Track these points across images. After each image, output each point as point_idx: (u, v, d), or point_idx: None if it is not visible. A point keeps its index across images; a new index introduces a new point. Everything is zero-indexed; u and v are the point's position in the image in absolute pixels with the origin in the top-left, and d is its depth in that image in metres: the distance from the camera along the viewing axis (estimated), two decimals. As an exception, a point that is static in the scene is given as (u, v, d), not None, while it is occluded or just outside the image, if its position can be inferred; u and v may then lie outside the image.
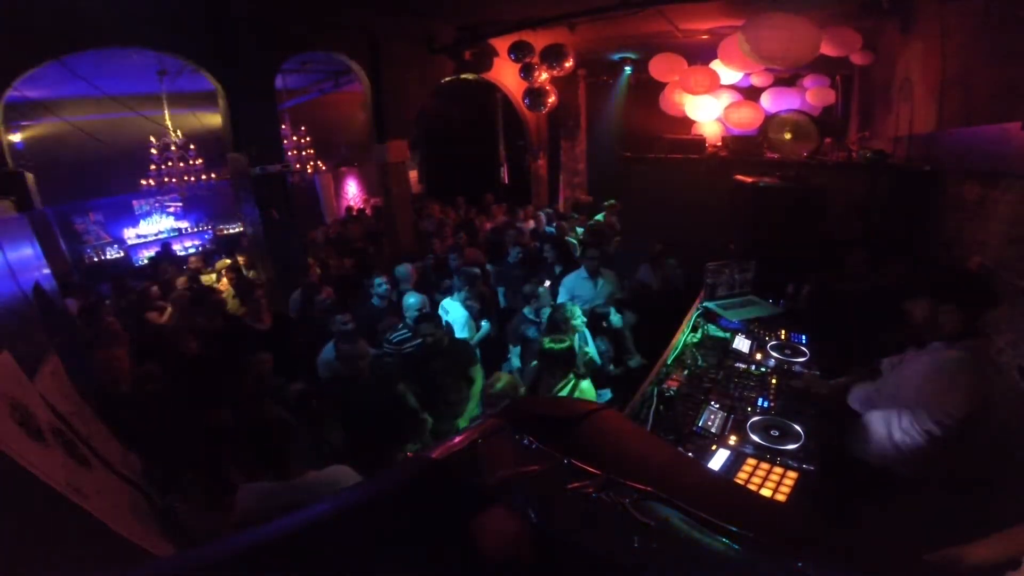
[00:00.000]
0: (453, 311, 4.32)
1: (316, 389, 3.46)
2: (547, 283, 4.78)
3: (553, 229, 6.64)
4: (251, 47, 5.63)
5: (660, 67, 6.74)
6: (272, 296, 4.90)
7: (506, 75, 8.46)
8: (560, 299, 4.45)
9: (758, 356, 2.96)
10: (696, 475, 1.17)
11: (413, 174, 11.33)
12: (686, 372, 2.74)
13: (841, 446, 2.46)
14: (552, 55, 6.82)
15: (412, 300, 3.92)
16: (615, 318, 4.13)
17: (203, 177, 9.53)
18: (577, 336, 3.52)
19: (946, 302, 1.93)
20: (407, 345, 3.75)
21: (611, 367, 4.04)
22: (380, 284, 4.37)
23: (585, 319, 3.71)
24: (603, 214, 6.91)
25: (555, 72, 7.04)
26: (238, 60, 5.56)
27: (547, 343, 2.93)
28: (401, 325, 3.83)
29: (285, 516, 0.81)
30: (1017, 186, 2.82)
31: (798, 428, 2.23)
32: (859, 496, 2.26)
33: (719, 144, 6.11)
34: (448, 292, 4.62)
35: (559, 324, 3.46)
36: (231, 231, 11.39)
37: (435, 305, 4.47)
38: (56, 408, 2.33)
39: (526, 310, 4.00)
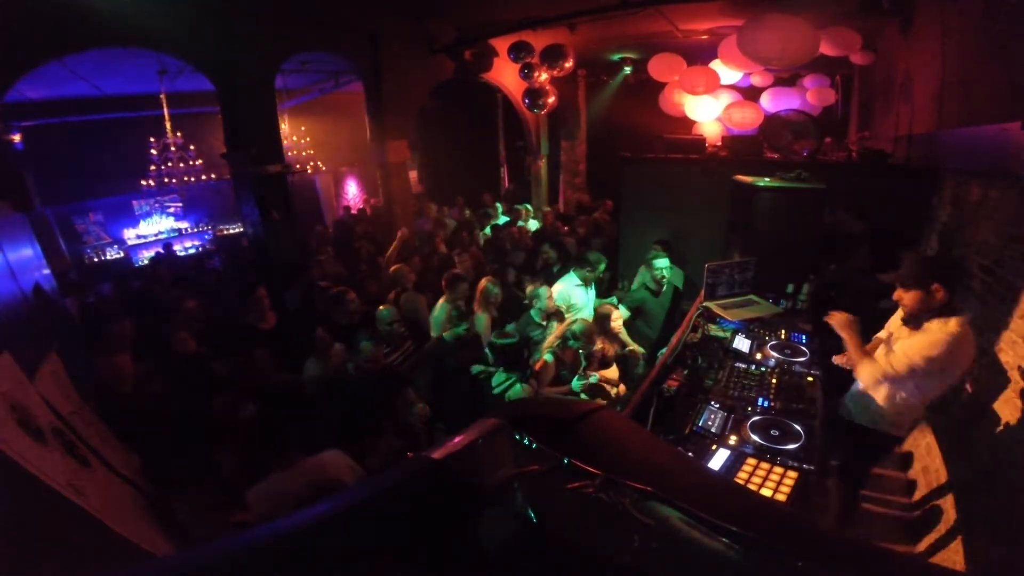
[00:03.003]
0: (436, 312, 4.35)
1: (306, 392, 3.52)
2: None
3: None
4: (251, 47, 5.63)
5: (660, 67, 6.75)
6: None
7: (506, 75, 8.46)
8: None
9: (758, 356, 2.96)
10: (696, 475, 1.17)
11: (413, 174, 11.33)
12: (686, 372, 2.74)
13: (841, 419, 2.60)
14: (552, 55, 6.82)
15: (385, 314, 3.92)
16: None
17: (203, 177, 9.53)
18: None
19: (932, 282, 2.22)
20: (389, 358, 3.79)
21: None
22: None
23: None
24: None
25: (555, 72, 7.04)
26: (238, 60, 5.56)
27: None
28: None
29: (294, 509, 0.81)
30: (1017, 186, 2.82)
31: (798, 428, 2.23)
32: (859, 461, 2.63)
33: (719, 144, 6.11)
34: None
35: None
36: (231, 231, 11.39)
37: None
38: (56, 408, 2.34)
39: (532, 311, 3.99)
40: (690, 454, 2.10)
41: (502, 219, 8.11)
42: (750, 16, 4.70)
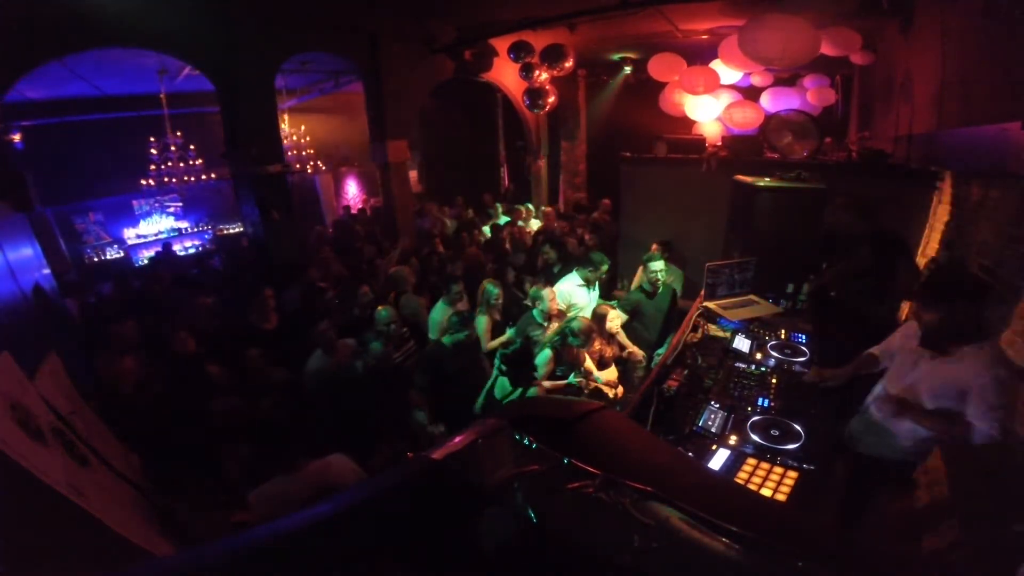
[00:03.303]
0: (433, 313, 4.36)
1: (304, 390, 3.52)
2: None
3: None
4: (251, 47, 5.63)
5: (660, 67, 6.74)
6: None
7: (506, 75, 8.46)
8: None
9: (758, 356, 2.96)
10: (696, 475, 1.17)
11: (413, 174, 11.33)
12: (686, 372, 2.74)
13: (842, 447, 2.48)
14: (552, 55, 6.82)
15: (383, 314, 3.89)
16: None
17: (203, 177, 9.53)
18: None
19: (958, 301, 1.98)
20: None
21: None
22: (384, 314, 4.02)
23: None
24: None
25: (555, 72, 7.04)
26: (238, 60, 5.56)
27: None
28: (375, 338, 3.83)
29: (295, 512, 0.81)
30: (1017, 186, 2.82)
31: (798, 428, 2.23)
32: (866, 492, 2.34)
33: (719, 144, 6.11)
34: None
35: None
36: (231, 231, 11.39)
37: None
38: (56, 408, 2.33)
39: (535, 312, 3.99)
40: (690, 454, 2.11)
41: (503, 219, 8.12)
42: (751, 16, 4.70)
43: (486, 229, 7.60)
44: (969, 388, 1.97)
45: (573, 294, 4.37)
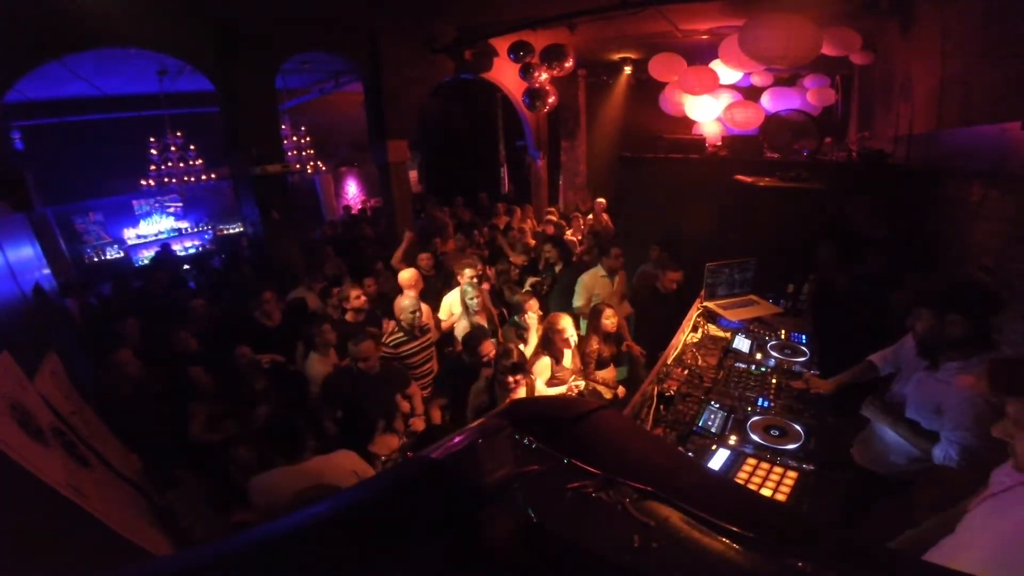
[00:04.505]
0: (447, 297, 4.40)
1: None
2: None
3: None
4: (251, 47, 5.63)
5: (660, 67, 6.74)
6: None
7: (506, 75, 8.47)
8: (577, 298, 4.45)
9: (758, 356, 2.96)
10: (696, 475, 1.17)
11: (413, 174, 11.33)
12: (686, 372, 2.74)
13: (842, 447, 2.48)
14: (552, 55, 6.82)
15: (406, 303, 3.89)
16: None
17: (203, 177, 9.53)
18: None
19: (951, 312, 1.92)
20: (404, 348, 3.76)
21: None
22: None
23: None
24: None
25: (555, 72, 7.04)
26: (238, 60, 5.56)
27: None
28: (397, 328, 3.82)
29: (297, 507, 0.81)
30: (1017, 186, 2.83)
31: (798, 428, 2.23)
32: (863, 497, 2.31)
33: (719, 144, 6.12)
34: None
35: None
36: (231, 231, 11.39)
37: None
38: (56, 408, 2.33)
39: (514, 319, 3.98)
40: (690, 454, 2.11)
41: (503, 220, 8.11)
42: (751, 16, 4.70)
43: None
44: (944, 406, 1.92)
45: (596, 284, 4.42)
